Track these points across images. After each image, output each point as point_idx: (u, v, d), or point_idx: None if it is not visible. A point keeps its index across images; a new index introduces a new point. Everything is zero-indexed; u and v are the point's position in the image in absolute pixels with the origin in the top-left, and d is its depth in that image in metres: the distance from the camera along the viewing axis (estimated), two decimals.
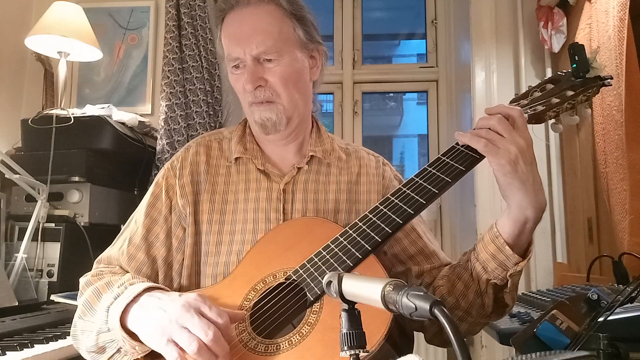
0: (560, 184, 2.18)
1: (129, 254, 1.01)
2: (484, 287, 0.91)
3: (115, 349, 0.90)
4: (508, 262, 0.87)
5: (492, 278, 0.89)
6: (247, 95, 1.01)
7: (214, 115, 2.38)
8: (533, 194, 0.85)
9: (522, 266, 0.87)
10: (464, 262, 0.95)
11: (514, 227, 0.87)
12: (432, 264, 1.04)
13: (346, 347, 0.59)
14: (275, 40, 0.99)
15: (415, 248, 1.06)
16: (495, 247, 0.88)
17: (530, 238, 0.90)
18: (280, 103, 1.01)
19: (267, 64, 1.00)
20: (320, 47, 1.08)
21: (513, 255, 0.87)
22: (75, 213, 1.93)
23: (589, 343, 0.73)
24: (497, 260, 0.88)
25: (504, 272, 0.88)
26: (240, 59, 1.00)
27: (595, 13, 1.76)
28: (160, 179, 1.08)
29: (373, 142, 3.26)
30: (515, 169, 0.84)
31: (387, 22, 3.49)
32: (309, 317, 0.85)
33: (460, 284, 0.94)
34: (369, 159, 1.14)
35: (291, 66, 1.01)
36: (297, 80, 1.03)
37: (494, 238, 0.89)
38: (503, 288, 0.91)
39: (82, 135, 1.97)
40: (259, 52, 0.99)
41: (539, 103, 0.97)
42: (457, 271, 0.96)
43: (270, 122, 1.02)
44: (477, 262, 0.91)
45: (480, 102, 2.29)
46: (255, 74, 0.99)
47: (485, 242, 0.90)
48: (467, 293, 0.93)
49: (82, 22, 2.18)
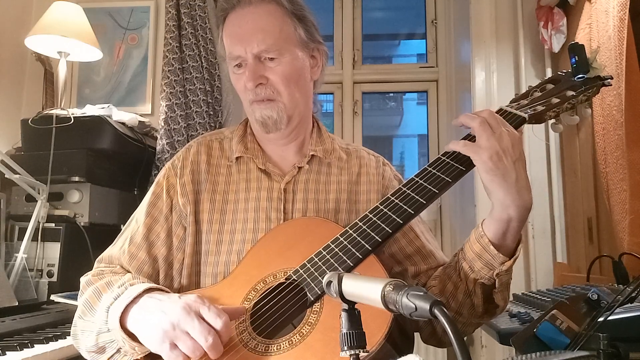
0: (560, 184, 2.18)
1: (130, 253, 1.02)
2: (472, 287, 0.91)
3: (115, 349, 0.90)
4: (494, 262, 0.87)
5: (479, 278, 0.89)
6: (248, 94, 1.02)
7: (214, 115, 2.38)
8: (516, 192, 0.84)
9: (509, 266, 0.87)
10: (454, 263, 0.95)
11: (497, 226, 0.86)
12: (429, 265, 1.04)
13: (346, 347, 0.59)
14: (277, 38, 1.00)
15: (413, 248, 1.06)
16: (480, 246, 0.88)
17: (517, 237, 0.88)
18: (281, 101, 1.02)
19: (268, 63, 1.00)
20: (321, 46, 1.09)
21: (498, 254, 0.86)
22: (75, 213, 1.93)
23: (589, 343, 0.73)
24: (482, 260, 0.88)
25: (491, 272, 0.87)
26: (241, 57, 1.01)
27: (595, 13, 1.76)
28: (161, 178, 1.08)
29: (373, 142, 3.26)
30: (497, 165, 0.83)
31: (387, 22, 3.49)
32: (310, 317, 0.85)
33: (450, 284, 0.94)
34: (369, 159, 1.14)
35: (292, 65, 1.02)
36: (298, 79, 1.04)
37: (479, 237, 0.88)
38: (492, 288, 0.90)
39: (82, 135, 1.97)
40: (260, 51, 0.99)
41: (539, 103, 0.97)
42: (447, 272, 0.96)
43: (271, 120, 1.02)
44: (464, 262, 0.91)
45: (480, 102, 2.29)
46: (256, 72, 1.00)
47: (471, 242, 0.90)
48: (457, 293, 0.93)
49: (82, 22, 2.17)
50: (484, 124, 0.86)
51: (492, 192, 0.86)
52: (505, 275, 0.88)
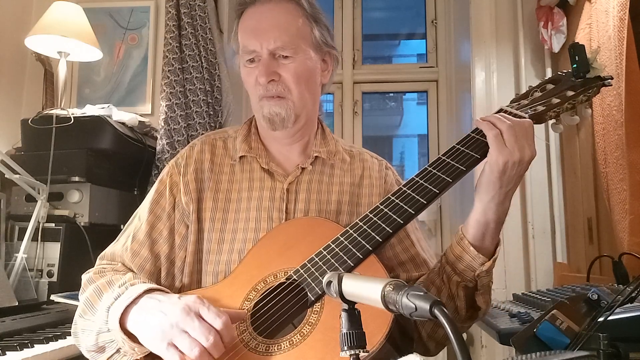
0: (560, 184, 2.18)
1: (132, 251, 1.02)
2: (455, 289, 0.92)
3: (115, 349, 0.90)
4: (474, 263, 0.89)
5: (461, 280, 0.91)
6: (259, 89, 1.02)
7: (214, 115, 2.38)
8: (502, 202, 0.87)
9: (489, 266, 0.89)
10: (437, 268, 0.96)
11: (476, 228, 0.89)
12: (421, 272, 1.05)
13: (346, 347, 0.59)
14: (293, 36, 1.01)
15: (407, 255, 1.06)
16: (460, 248, 0.90)
17: (496, 239, 0.91)
18: (291, 99, 1.02)
19: (282, 60, 1.01)
20: (333, 51, 1.10)
21: (478, 255, 0.88)
22: (75, 213, 1.92)
23: (589, 343, 0.73)
24: (464, 261, 0.90)
25: (472, 274, 0.89)
26: (256, 52, 1.01)
27: (595, 13, 1.76)
28: (164, 176, 1.08)
29: (373, 142, 3.26)
30: (505, 172, 0.85)
31: (387, 22, 3.49)
32: (310, 316, 0.85)
33: (433, 289, 0.95)
34: (372, 162, 1.15)
35: (305, 64, 1.03)
36: (309, 80, 1.05)
37: (459, 240, 0.91)
38: (474, 290, 0.92)
39: (82, 135, 1.97)
40: (275, 47, 1.00)
41: (539, 103, 0.97)
42: (431, 277, 0.97)
43: (279, 118, 1.02)
44: (447, 265, 0.93)
45: (480, 102, 2.29)
46: (270, 68, 1.00)
47: (453, 245, 0.92)
48: (440, 297, 0.94)
49: (82, 22, 2.17)
50: (513, 129, 0.86)
51: (482, 192, 0.88)
52: (486, 276, 0.90)
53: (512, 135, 0.86)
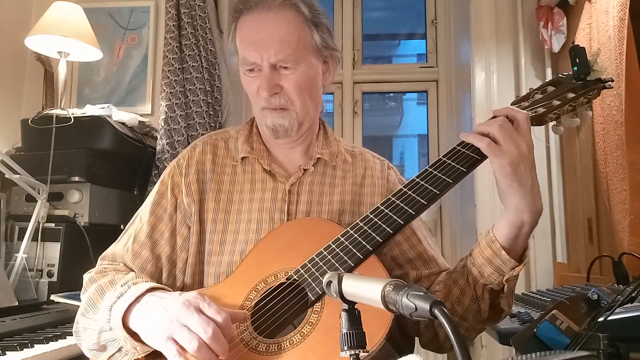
0: (560, 184, 2.18)
1: (133, 251, 1.02)
2: (480, 292, 0.91)
3: (116, 348, 0.90)
4: (504, 267, 0.87)
5: (488, 283, 0.89)
6: (261, 100, 1.02)
7: (214, 115, 2.38)
8: (531, 198, 0.85)
9: (519, 271, 0.87)
10: (460, 268, 0.95)
11: (510, 231, 0.87)
12: (431, 270, 1.04)
13: (346, 347, 0.59)
14: (294, 48, 0.99)
15: (414, 252, 1.06)
16: (491, 251, 0.88)
17: (526, 243, 0.89)
18: (294, 110, 1.02)
19: (283, 71, 1.00)
20: (334, 52, 1.09)
21: (509, 260, 0.86)
22: (75, 213, 1.92)
23: (589, 343, 0.73)
24: (493, 265, 0.88)
25: (500, 277, 0.88)
26: (256, 64, 1.00)
27: (595, 13, 1.76)
28: (166, 176, 1.08)
29: (373, 142, 3.26)
30: (516, 171, 0.84)
31: (387, 22, 3.49)
32: (310, 316, 0.85)
33: (456, 289, 0.94)
34: (374, 162, 1.14)
35: (306, 74, 1.02)
36: (311, 88, 1.04)
37: (490, 243, 0.88)
38: (499, 293, 0.90)
39: (82, 135, 1.97)
40: (277, 60, 0.98)
41: (540, 105, 0.97)
42: (454, 277, 0.96)
43: (283, 129, 1.02)
44: (473, 267, 0.91)
45: (480, 102, 2.29)
46: (271, 81, 0.99)
47: (482, 247, 0.90)
48: (463, 299, 0.93)
49: (82, 22, 2.17)
50: (503, 129, 0.86)
51: (508, 198, 0.86)
52: (514, 280, 0.89)
53: (504, 135, 0.85)
